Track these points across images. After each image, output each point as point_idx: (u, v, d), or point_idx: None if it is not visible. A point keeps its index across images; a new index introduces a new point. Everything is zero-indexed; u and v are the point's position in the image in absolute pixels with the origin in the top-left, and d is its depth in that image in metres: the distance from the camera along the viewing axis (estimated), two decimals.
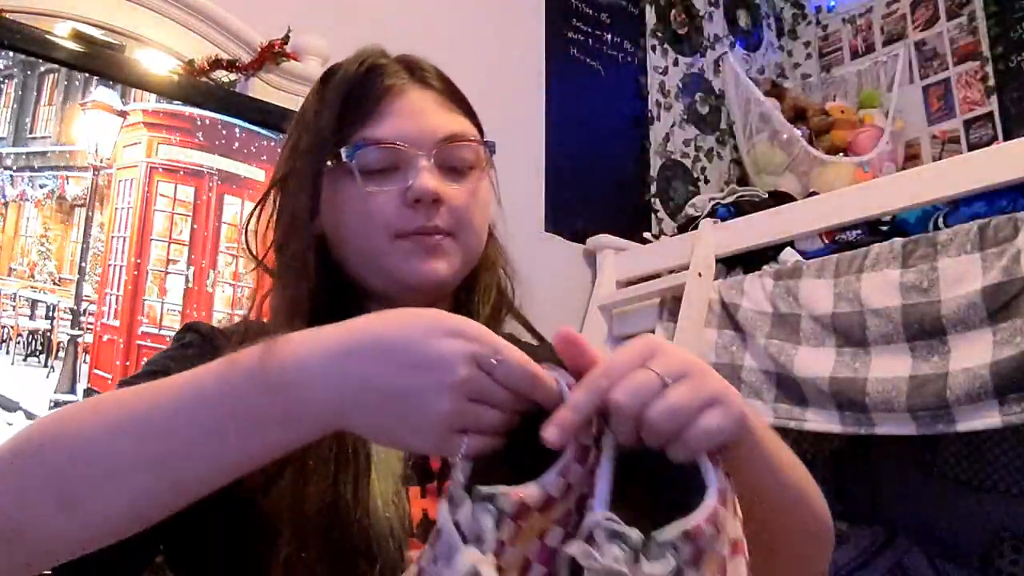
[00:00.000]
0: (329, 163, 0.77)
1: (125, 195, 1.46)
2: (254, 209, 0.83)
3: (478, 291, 0.84)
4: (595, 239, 2.17)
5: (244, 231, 0.84)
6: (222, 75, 1.60)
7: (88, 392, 1.35)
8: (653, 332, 1.89)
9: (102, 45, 1.46)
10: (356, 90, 0.79)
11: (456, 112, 0.82)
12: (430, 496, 0.70)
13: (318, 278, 0.76)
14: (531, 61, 2.24)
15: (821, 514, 0.69)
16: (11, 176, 1.35)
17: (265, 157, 1.56)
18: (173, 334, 0.81)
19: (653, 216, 2.42)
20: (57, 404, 1.31)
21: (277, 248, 0.80)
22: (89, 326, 1.37)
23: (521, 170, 2.10)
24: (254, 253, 0.82)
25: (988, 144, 2.37)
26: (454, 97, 0.83)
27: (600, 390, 0.49)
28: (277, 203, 0.81)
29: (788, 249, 1.81)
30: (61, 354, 1.34)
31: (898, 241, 1.55)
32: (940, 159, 2.43)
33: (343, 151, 0.76)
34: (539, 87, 2.23)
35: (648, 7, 2.61)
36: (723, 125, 2.71)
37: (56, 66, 1.41)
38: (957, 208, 1.57)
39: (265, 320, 0.79)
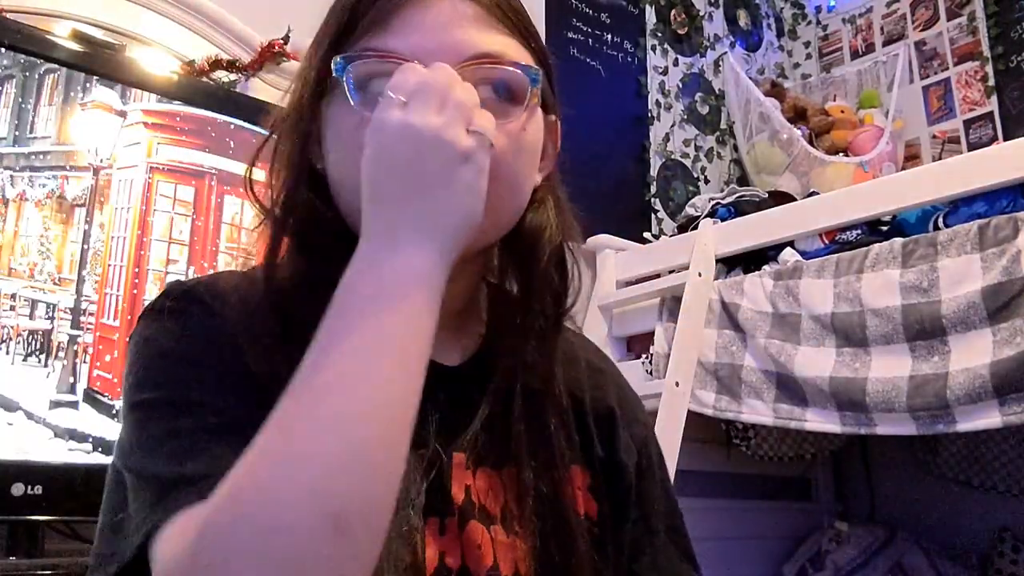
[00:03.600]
0: (329, 83, 0.62)
1: (125, 195, 1.46)
2: (258, 150, 0.69)
3: (523, 278, 0.68)
4: (595, 239, 2.17)
5: (248, 179, 0.68)
6: (222, 75, 1.60)
7: (88, 392, 1.34)
8: (653, 332, 1.89)
9: (102, 45, 1.46)
10: None
11: (502, 32, 0.64)
12: (449, 535, 0.60)
13: (321, 224, 0.63)
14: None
15: None
16: (11, 176, 1.35)
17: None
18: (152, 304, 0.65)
19: (653, 216, 2.43)
20: (57, 404, 1.31)
21: (275, 192, 0.66)
22: (89, 326, 1.37)
23: None
24: (260, 201, 0.67)
25: (988, 144, 2.37)
26: (506, 12, 0.65)
27: None
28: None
29: (788, 249, 1.81)
30: (61, 354, 1.34)
31: (898, 241, 1.55)
32: (940, 159, 2.43)
33: (333, 63, 0.60)
34: None
35: (648, 7, 2.61)
36: (723, 125, 2.71)
37: (56, 66, 1.41)
38: (957, 208, 1.57)
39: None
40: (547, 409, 0.66)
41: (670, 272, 1.96)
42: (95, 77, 1.44)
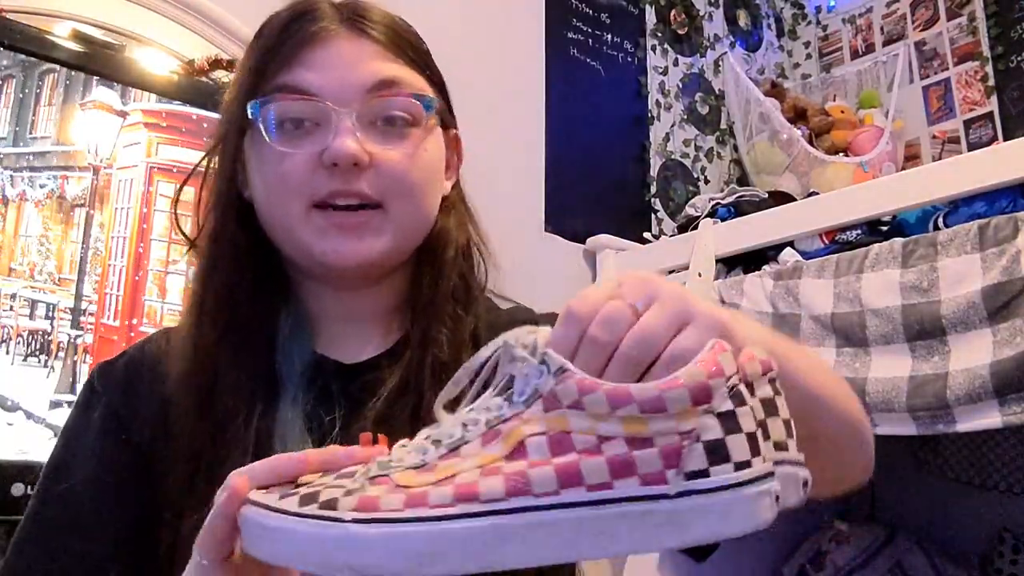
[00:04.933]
0: (249, 121, 0.69)
1: (125, 195, 1.46)
2: (183, 182, 0.76)
3: (433, 273, 0.74)
4: (595, 239, 2.17)
5: (174, 211, 0.79)
6: (222, 75, 1.60)
7: None
8: None
9: (102, 45, 1.46)
10: (280, 36, 0.69)
11: (398, 63, 0.71)
12: None
13: (248, 257, 0.70)
14: (531, 61, 2.24)
15: (851, 414, 0.62)
16: (11, 176, 1.35)
17: None
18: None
19: (653, 216, 2.42)
20: (57, 404, 1.31)
21: (203, 225, 0.73)
22: (89, 326, 1.37)
23: (521, 170, 2.11)
24: (186, 234, 0.76)
25: (988, 144, 2.37)
26: (400, 46, 0.72)
27: (577, 322, 0.46)
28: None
29: (788, 249, 1.81)
30: (61, 354, 1.34)
31: (898, 241, 1.55)
32: (940, 159, 2.43)
33: (249, 105, 0.68)
34: (539, 87, 2.23)
35: (648, 7, 2.61)
36: (723, 125, 2.71)
37: (56, 66, 1.41)
38: (957, 208, 1.57)
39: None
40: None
41: (670, 272, 1.96)
42: (95, 77, 1.44)
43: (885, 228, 1.73)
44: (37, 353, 1.32)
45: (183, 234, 0.76)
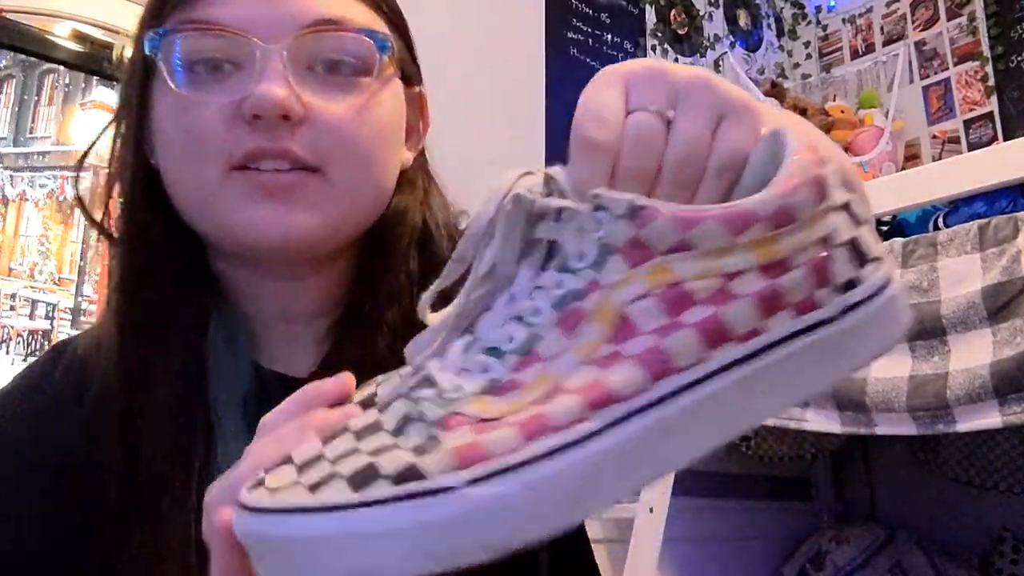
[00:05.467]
0: (151, 65, 0.53)
1: None
2: (81, 158, 0.61)
3: (376, 268, 0.58)
4: None
5: (76, 193, 0.61)
6: None
7: None
8: None
9: (102, 45, 1.46)
10: None
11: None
12: None
13: (164, 245, 0.56)
14: (531, 61, 2.24)
15: None
16: (11, 176, 1.35)
17: None
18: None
19: None
20: None
21: (105, 200, 0.59)
22: (89, 326, 1.37)
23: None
24: (91, 216, 0.60)
25: (988, 144, 2.37)
26: None
27: (602, 153, 0.35)
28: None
29: None
30: None
31: (898, 241, 1.55)
32: (940, 159, 2.43)
33: (146, 38, 0.53)
34: (539, 87, 2.23)
35: (648, 7, 2.61)
36: None
37: (56, 66, 1.41)
38: (957, 208, 1.57)
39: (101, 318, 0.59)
40: None
41: None
42: (95, 77, 1.44)
43: (885, 228, 1.73)
44: (37, 353, 1.32)
45: (96, 225, 0.59)
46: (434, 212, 0.61)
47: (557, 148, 2.21)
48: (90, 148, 0.61)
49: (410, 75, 0.61)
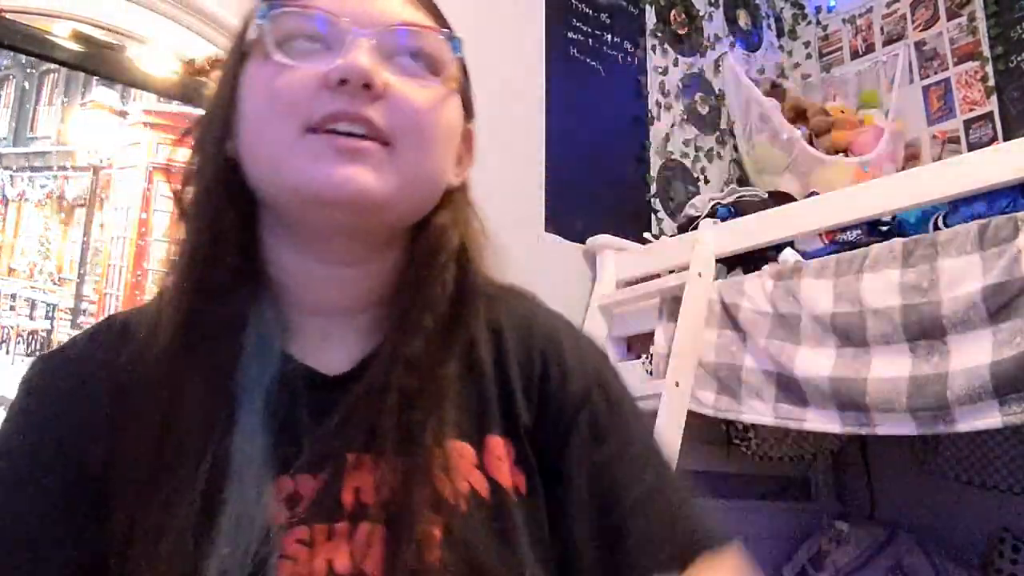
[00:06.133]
0: (249, 44, 0.60)
1: (125, 195, 1.46)
2: (183, 136, 0.66)
3: (419, 275, 0.62)
4: (595, 239, 2.17)
5: (170, 182, 0.65)
6: None
7: None
8: (653, 332, 1.89)
9: (102, 45, 1.46)
10: None
11: (422, 11, 0.63)
12: (337, 538, 0.55)
13: (229, 223, 0.60)
14: (531, 61, 2.24)
15: None
16: (11, 176, 1.35)
17: None
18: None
19: (653, 216, 2.42)
20: None
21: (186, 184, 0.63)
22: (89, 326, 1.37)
23: (521, 170, 2.11)
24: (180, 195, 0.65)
25: (988, 144, 2.37)
26: (430, 7, 0.65)
27: None
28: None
29: (788, 249, 1.81)
30: None
31: (898, 241, 1.55)
32: (940, 159, 2.43)
33: (256, 10, 0.59)
34: (539, 87, 2.23)
35: (648, 7, 2.61)
36: (723, 125, 2.71)
37: (56, 66, 1.41)
38: (957, 208, 1.57)
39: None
40: (426, 404, 0.59)
41: (670, 272, 1.96)
42: (95, 77, 1.44)
43: (885, 228, 1.73)
44: (37, 353, 1.33)
45: (178, 200, 0.64)
46: (471, 236, 0.66)
47: (557, 148, 2.21)
48: (188, 132, 0.66)
49: (468, 107, 0.68)
